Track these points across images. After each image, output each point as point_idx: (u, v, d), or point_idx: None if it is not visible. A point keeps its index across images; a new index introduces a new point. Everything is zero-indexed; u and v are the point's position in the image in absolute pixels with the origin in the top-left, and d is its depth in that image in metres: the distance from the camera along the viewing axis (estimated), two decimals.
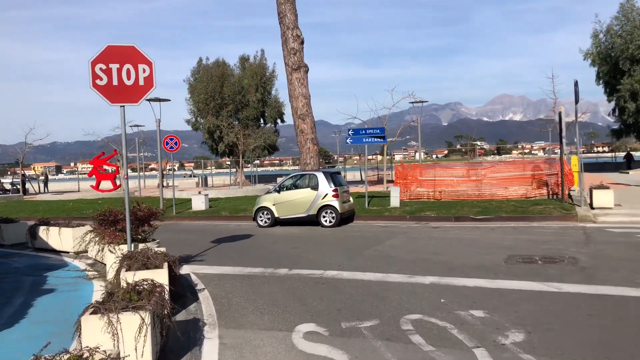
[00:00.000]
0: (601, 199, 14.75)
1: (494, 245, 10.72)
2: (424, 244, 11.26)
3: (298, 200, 15.26)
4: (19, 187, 37.30)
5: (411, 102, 30.72)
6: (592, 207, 14.83)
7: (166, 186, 38.47)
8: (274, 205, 15.58)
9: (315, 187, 15.14)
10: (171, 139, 19.42)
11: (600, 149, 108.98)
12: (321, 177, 15.23)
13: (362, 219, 16.10)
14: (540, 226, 13.27)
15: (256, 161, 46.69)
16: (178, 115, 39.75)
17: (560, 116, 16.22)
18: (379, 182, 30.62)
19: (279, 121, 40.85)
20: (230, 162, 43.68)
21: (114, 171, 28.73)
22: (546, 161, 19.18)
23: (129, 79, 8.12)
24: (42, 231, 12.27)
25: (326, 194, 14.94)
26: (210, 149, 40.55)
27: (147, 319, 4.40)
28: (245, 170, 41.60)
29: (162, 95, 21.67)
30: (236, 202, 21.59)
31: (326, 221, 14.85)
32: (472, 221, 14.65)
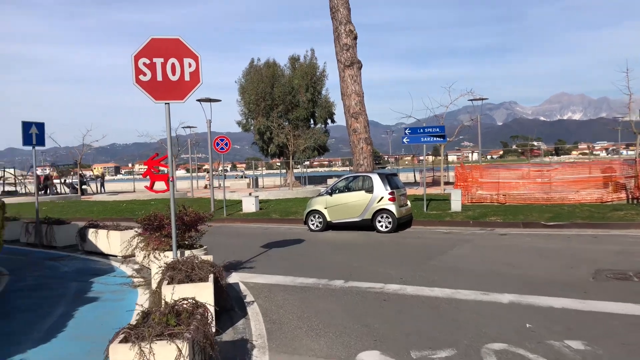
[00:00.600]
0: None
1: (576, 256, 9.53)
2: (493, 254, 10.19)
3: (351, 204, 14.44)
4: (77, 187, 38.31)
5: (470, 100, 29.31)
6: None
7: (218, 187, 38.57)
8: (325, 208, 14.83)
9: (370, 190, 14.28)
10: (222, 140, 19.04)
11: None
12: (376, 178, 14.35)
13: (420, 224, 15.09)
14: (624, 234, 11.89)
15: (306, 162, 46.20)
16: (229, 117, 39.81)
17: None
18: (434, 184, 29.37)
19: (329, 121, 40.17)
20: (280, 163, 43.37)
21: (167, 172, 28.53)
22: (624, 162, 17.52)
23: (174, 74, 7.56)
24: (91, 234, 12.02)
25: (382, 197, 14.05)
26: (261, 150, 40.35)
27: (185, 349, 3.71)
28: (295, 171, 41.19)
29: (214, 98, 21.38)
30: (286, 204, 21.01)
31: (382, 226, 13.95)
32: (543, 228, 13.38)
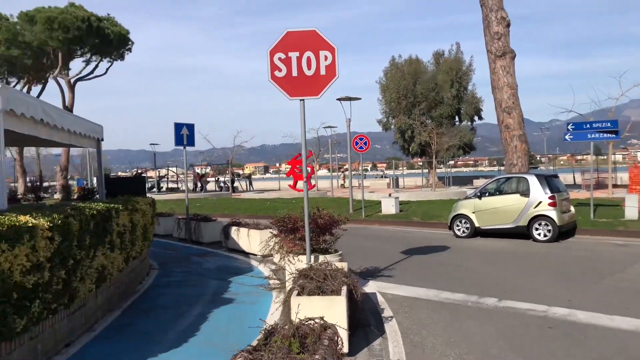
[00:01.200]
0: None
1: None
2: None
3: (504, 208, 12.95)
4: (228, 185, 40.85)
5: None
6: None
7: (357, 187, 38.42)
8: (473, 212, 13.51)
9: (525, 193, 12.67)
10: (360, 139, 18.56)
11: None
12: (533, 180, 12.70)
13: (585, 234, 13.06)
14: None
15: (450, 161, 44.10)
16: (370, 116, 39.41)
17: None
18: (599, 187, 25.93)
19: (475, 118, 37.85)
20: (422, 163, 41.92)
21: (309, 172, 28.79)
22: None
23: (309, 68, 7.11)
24: (233, 232, 12.23)
25: (540, 202, 12.37)
26: (402, 149, 39.36)
27: None
28: (437, 171, 39.47)
29: (354, 97, 20.99)
30: (428, 207, 19.88)
31: (539, 235, 12.28)
32: None
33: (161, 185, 47.13)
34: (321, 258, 7.24)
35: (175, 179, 50.11)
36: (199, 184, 41.70)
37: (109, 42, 32.43)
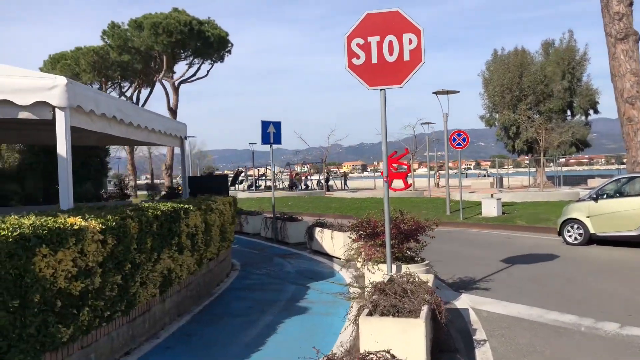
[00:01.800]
0: None
1: None
2: None
3: (626, 213, 11.21)
4: (323, 183, 40.81)
5: None
6: None
7: (456, 186, 36.55)
8: (588, 217, 11.87)
9: None
10: (458, 135, 17.29)
11: None
12: None
13: None
14: None
15: (560, 159, 40.63)
16: (471, 113, 37.37)
17: None
18: None
19: (590, 112, 34.38)
20: (529, 161, 38.95)
21: (405, 170, 27.58)
22: None
23: (391, 54, 6.32)
24: (317, 233, 11.72)
25: None
26: (506, 147, 36.85)
27: None
28: (546, 169, 36.49)
29: (452, 97, 19.70)
30: (535, 209, 18.09)
31: None
32: None
33: (259, 183, 48.27)
34: (404, 268, 6.44)
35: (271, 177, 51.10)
36: (301, 182, 42.09)
37: (210, 44, 33.60)
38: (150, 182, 49.98)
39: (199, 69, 36.07)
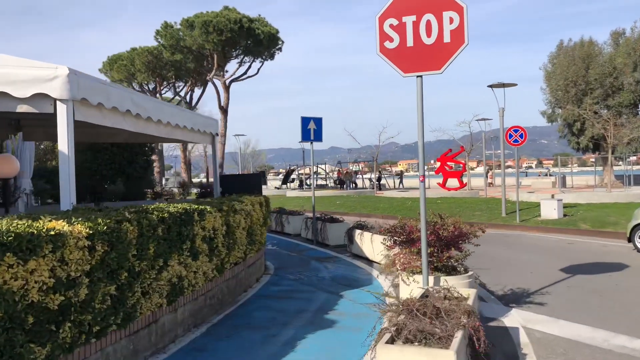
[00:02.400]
0: None
1: None
2: None
3: None
4: (374, 182, 39.87)
5: None
6: None
7: (520, 186, 34.68)
8: None
9: None
10: (515, 131, 16.04)
11: None
12: None
13: None
14: None
15: (631, 157, 37.78)
16: (532, 110, 35.33)
17: None
18: None
19: None
20: (595, 159, 36.38)
21: (460, 168, 26.25)
22: None
23: (429, 35, 5.54)
24: (357, 235, 11.00)
25: None
26: (569, 144, 34.62)
27: None
28: (615, 168, 34.01)
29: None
30: (601, 211, 16.56)
31: None
32: None
33: (310, 182, 47.94)
34: (442, 281, 5.65)
35: (324, 176, 50.66)
36: (341, 181, 41.44)
37: (260, 42, 33.44)
38: (206, 180, 50.58)
39: (249, 67, 36.07)
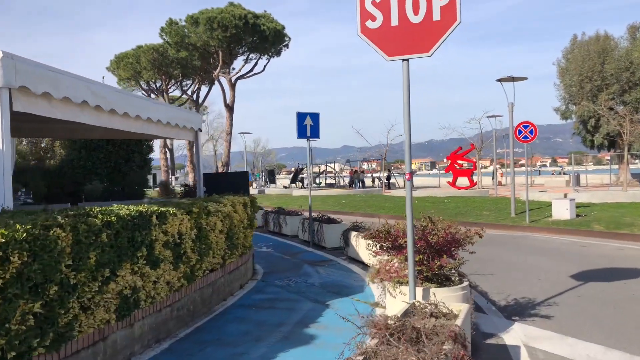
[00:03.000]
0: None
1: None
2: None
3: None
4: (383, 181, 39.08)
5: None
6: None
7: (532, 184, 33.69)
8: None
9: None
10: (525, 127, 15.24)
11: None
12: None
13: None
14: None
15: None
16: (547, 107, 34.29)
17: None
18: None
19: None
20: (611, 157, 35.23)
21: (470, 167, 25.31)
22: None
23: (416, 12, 4.86)
24: (353, 237, 10.32)
25: None
26: (583, 142, 33.56)
27: None
28: (631, 167, 32.89)
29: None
30: (617, 212, 15.69)
31: None
32: None
33: (319, 181, 47.25)
34: (431, 293, 4.97)
35: (333, 174, 49.98)
36: (351, 180, 40.74)
37: (265, 38, 32.82)
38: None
39: (255, 64, 35.45)
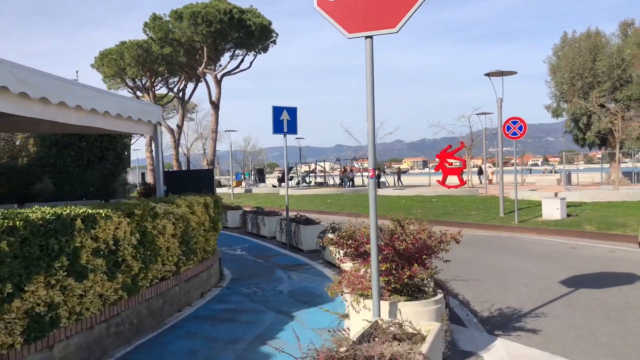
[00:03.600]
0: None
1: None
2: None
3: None
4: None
5: None
6: None
7: (521, 183, 33.18)
8: None
9: None
10: (514, 123, 14.63)
11: None
12: None
13: None
14: None
15: None
16: (538, 106, 33.76)
17: None
18: None
19: None
20: (602, 156, 34.78)
21: (460, 165, 24.48)
22: None
23: None
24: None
25: None
26: (575, 140, 33.12)
27: None
28: (622, 165, 32.44)
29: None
30: (608, 211, 15.13)
31: None
32: None
33: (309, 179, 46.56)
34: (399, 308, 4.30)
35: (323, 173, 49.32)
36: (341, 179, 40.11)
37: (251, 33, 32.05)
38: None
39: (242, 60, 34.65)
